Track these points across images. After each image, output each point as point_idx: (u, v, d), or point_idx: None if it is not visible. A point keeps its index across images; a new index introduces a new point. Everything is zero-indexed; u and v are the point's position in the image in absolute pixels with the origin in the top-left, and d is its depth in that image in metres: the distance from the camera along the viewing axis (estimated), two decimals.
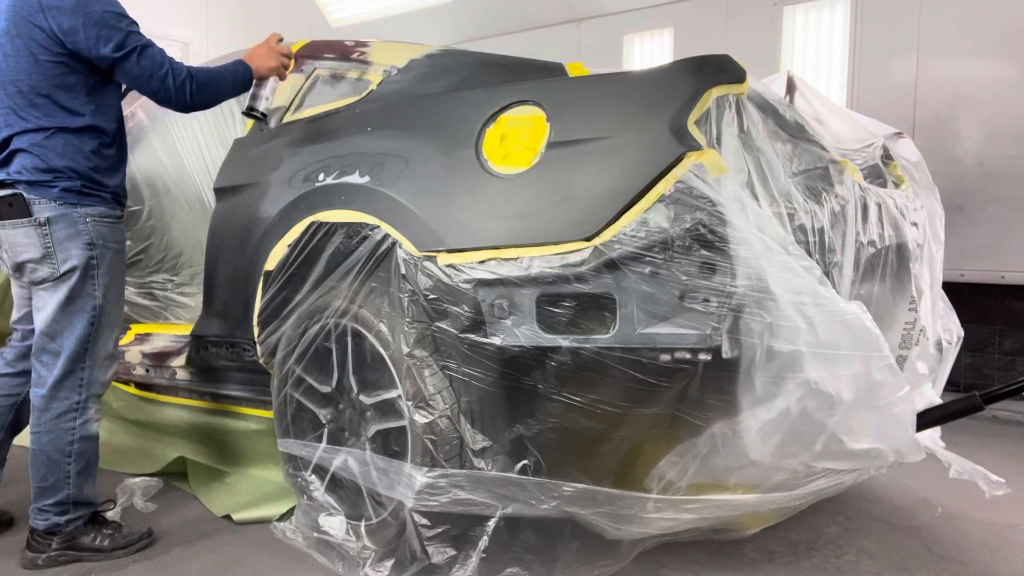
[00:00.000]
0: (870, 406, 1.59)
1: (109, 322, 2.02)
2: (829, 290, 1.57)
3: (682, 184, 1.55)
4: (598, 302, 1.58)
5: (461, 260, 1.66)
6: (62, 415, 1.98)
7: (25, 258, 1.95)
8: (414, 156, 1.83)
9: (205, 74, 2.01)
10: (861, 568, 2.03)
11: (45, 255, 1.93)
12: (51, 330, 1.96)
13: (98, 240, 1.96)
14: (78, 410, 2.00)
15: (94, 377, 2.02)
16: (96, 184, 1.98)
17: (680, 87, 1.66)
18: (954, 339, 2.41)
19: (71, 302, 1.95)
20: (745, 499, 1.75)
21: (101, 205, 1.99)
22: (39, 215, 1.91)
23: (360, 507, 1.99)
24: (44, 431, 1.98)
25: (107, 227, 1.99)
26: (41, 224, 1.91)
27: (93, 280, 1.96)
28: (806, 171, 1.91)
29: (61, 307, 1.95)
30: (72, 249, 1.93)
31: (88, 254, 1.95)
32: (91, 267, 1.95)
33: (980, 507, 2.38)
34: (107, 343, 2.04)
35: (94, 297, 1.97)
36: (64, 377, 1.97)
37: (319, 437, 2.09)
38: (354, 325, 1.93)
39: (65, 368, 1.97)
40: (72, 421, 1.99)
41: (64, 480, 2.01)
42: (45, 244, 1.92)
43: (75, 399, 1.99)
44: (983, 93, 3.70)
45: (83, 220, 1.94)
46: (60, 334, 1.96)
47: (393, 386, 1.86)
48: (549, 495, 1.68)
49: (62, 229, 1.92)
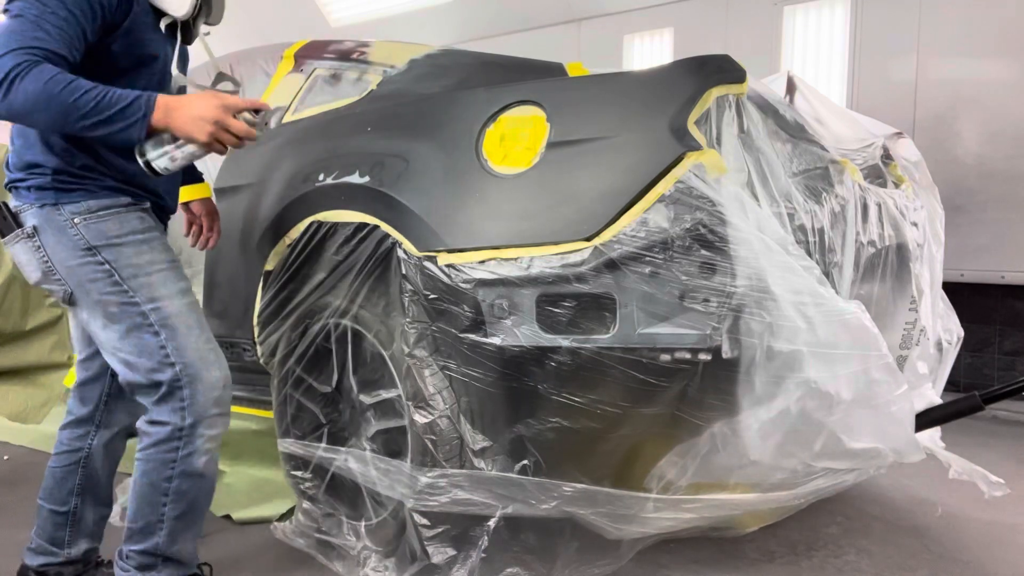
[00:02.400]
0: (869, 405, 1.59)
1: (181, 324, 1.58)
2: (828, 290, 1.57)
3: (682, 184, 1.55)
4: (598, 302, 1.59)
5: (461, 260, 1.66)
6: (161, 443, 1.58)
7: (34, 279, 1.62)
8: (414, 156, 1.83)
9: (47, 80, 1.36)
10: (861, 568, 2.03)
11: (46, 273, 1.58)
12: (120, 359, 1.59)
13: (97, 241, 1.55)
14: (181, 438, 1.57)
15: (197, 396, 1.57)
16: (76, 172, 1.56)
17: (680, 87, 1.66)
18: (954, 339, 2.41)
19: (113, 320, 1.57)
20: (745, 498, 1.75)
21: (89, 198, 1.57)
22: (26, 224, 1.57)
23: (360, 507, 1.99)
24: (142, 459, 1.61)
25: (107, 221, 1.57)
26: (30, 235, 1.57)
27: (120, 286, 1.56)
28: (806, 171, 1.91)
29: (107, 329, 1.58)
30: (70, 260, 1.55)
31: (92, 261, 1.56)
32: (107, 274, 1.56)
33: (980, 507, 2.38)
34: (194, 351, 1.58)
35: (134, 304, 1.56)
36: (162, 400, 1.58)
37: (319, 437, 2.09)
38: (354, 325, 1.94)
39: (160, 393, 1.57)
40: (173, 452, 1.58)
41: (157, 525, 1.61)
42: (42, 260, 1.57)
43: (177, 424, 1.57)
44: (983, 93, 3.70)
45: (69, 222, 1.55)
46: (131, 362, 1.57)
47: (393, 386, 1.86)
48: (549, 495, 1.68)
49: (51, 237, 1.56)
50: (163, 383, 1.56)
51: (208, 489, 1.65)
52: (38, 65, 1.37)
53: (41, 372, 3.16)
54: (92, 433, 1.81)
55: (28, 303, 3.12)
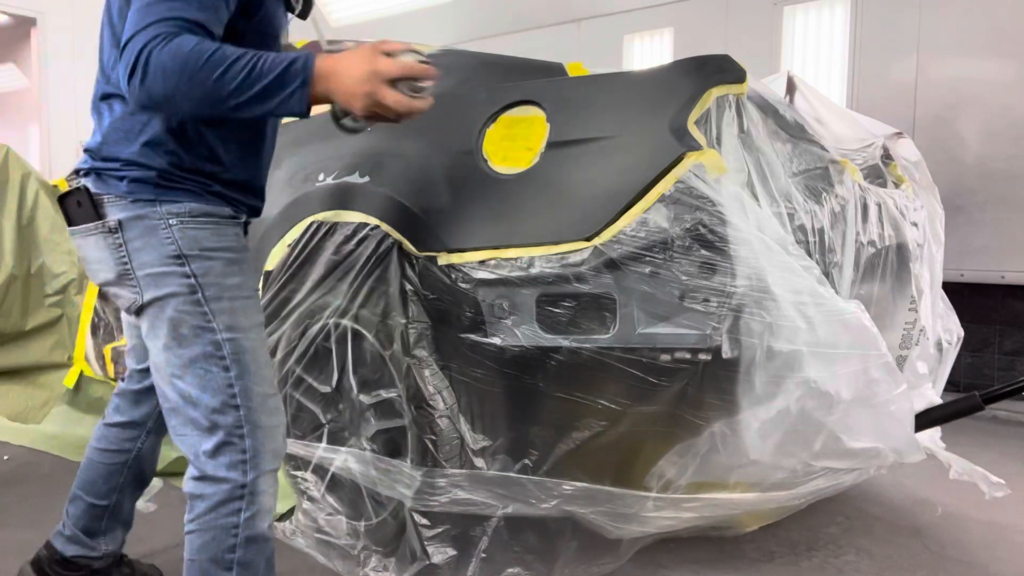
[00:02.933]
0: (868, 405, 1.59)
1: (255, 363, 1.36)
2: (828, 290, 1.57)
3: (682, 184, 1.55)
4: (598, 302, 1.59)
5: (461, 260, 1.66)
6: (220, 505, 1.32)
7: (102, 279, 1.40)
8: (414, 156, 1.83)
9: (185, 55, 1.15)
10: (861, 568, 2.03)
11: (121, 275, 1.36)
12: (178, 387, 1.34)
13: (190, 249, 1.33)
14: (243, 498, 1.32)
15: (260, 447, 1.34)
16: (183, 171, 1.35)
17: (680, 87, 1.66)
18: (954, 339, 2.41)
19: (181, 342, 1.33)
20: (745, 498, 1.75)
21: (191, 200, 1.35)
22: (110, 217, 1.35)
23: (360, 507, 1.99)
24: (197, 530, 1.33)
25: (205, 230, 1.36)
26: (112, 231, 1.35)
27: (200, 306, 1.33)
28: (806, 171, 1.91)
29: (171, 351, 1.33)
30: (154, 266, 1.34)
31: (181, 272, 1.33)
32: (190, 289, 1.33)
33: (980, 507, 2.38)
34: (260, 395, 1.35)
35: (211, 330, 1.33)
36: (218, 451, 1.32)
37: (319, 437, 2.09)
38: (354, 325, 1.94)
39: (218, 440, 1.32)
40: (235, 515, 1.32)
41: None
42: (120, 260, 1.35)
43: (238, 480, 1.32)
44: (983, 93, 3.70)
45: (164, 222, 1.34)
46: (191, 394, 1.33)
47: (393, 386, 1.86)
48: (549, 495, 1.68)
49: (137, 236, 1.34)
50: (221, 428, 1.32)
51: (272, 554, 1.39)
52: (176, 37, 1.16)
53: (41, 372, 3.16)
54: (143, 437, 1.72)
55: (28, 303, 3.12)
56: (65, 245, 3.12)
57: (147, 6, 1.19)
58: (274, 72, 1.18)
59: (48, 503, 2.45)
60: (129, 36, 1.18)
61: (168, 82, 1.16)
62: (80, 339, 3.04)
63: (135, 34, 1.17)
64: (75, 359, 3.04)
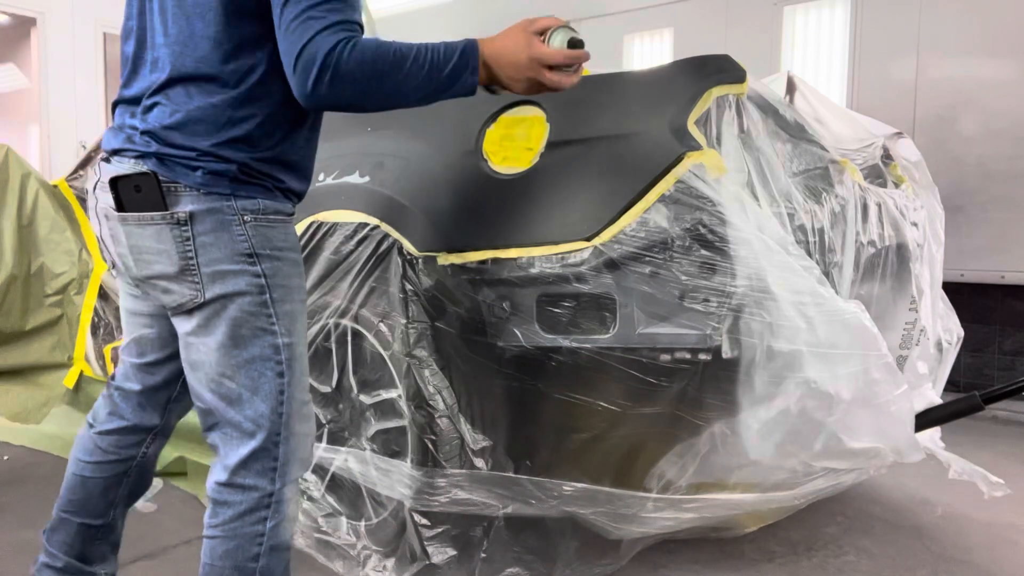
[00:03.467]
0: (868, 405, 1.59)
1: (301, 370, 1.35)
2: (828, 290, 1.57)
3: (682, 184, 1.55)
4: (598, 302, 1.59)
5: (461, 260, 1.66)
6: (247, 513, 1.30)
7: (155, 271, 1.30)
8: (414, 156, 1.83)
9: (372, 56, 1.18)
10: (861, 568, 2.03)
11: (184, 270, 1.27)
12: (223, 389, 1.30)
13: (262, 248, 1.29)
14: (270, 506, 1.31)
15: (292, 455, 1.32)
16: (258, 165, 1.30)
17: (680, 87, 1.66)
18: (954, 339, 2.41)
19: (238, 343, 1.28)
20: (745, 498, 1.75)
21: (264, 196, 1.31)
22: (179, 207, 1.26)
23: (360, 507, 1.99)
24: (221, 536, 1.30)
25: (275, 228, 1.32)
26: (181, 222, 1.26)
27: (266, 308, 1.29)
28: (806, 171, 1.91)
29: (225, 350, 1.28)
30: (223, 263, 1.27)
31: (251, 271, 1.29)
32: (259, 289, 1.29)
33: (980, 507, 2.38)
34: (299, 403, 1.34)
35: (272, 332, 1.29)
36: (252, 457, 1.30)
37: (319, 437, 2.09)
38: (354, 325, 1.94)
39: (256, 446, 1.30)
40: (261, 523, 1.30)
41: None
42: (185, 254, 1.27)
43: (267, 489, 1.30)
44: (983, 93, 3.70)
45: (238, 218, 1.28)
46: (242, 397, 1.29)
47: (393, 386, 1.86)
48: (549, 495, 1.68)
49: (208, 230, 1.27)
50: (262, 432, 1.29)
51: (289, 562, 1.37)
52: (356, 40, 1.18)
53: (41, 372, 3.16)
54: (148, 441, 1.56)
55: (28, 303, 3.12)
56: (65, 245, 3.12)
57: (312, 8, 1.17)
58: (450, 63, 1.22)
59: (48, 503, 2.44)
60: (305, 42, 1.16)
61: (358, 85, 1.18)
62: (80, 339, 3.04)
63: (312, 38, 1.16)
64: (75, 359, 3.04)
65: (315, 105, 1.21)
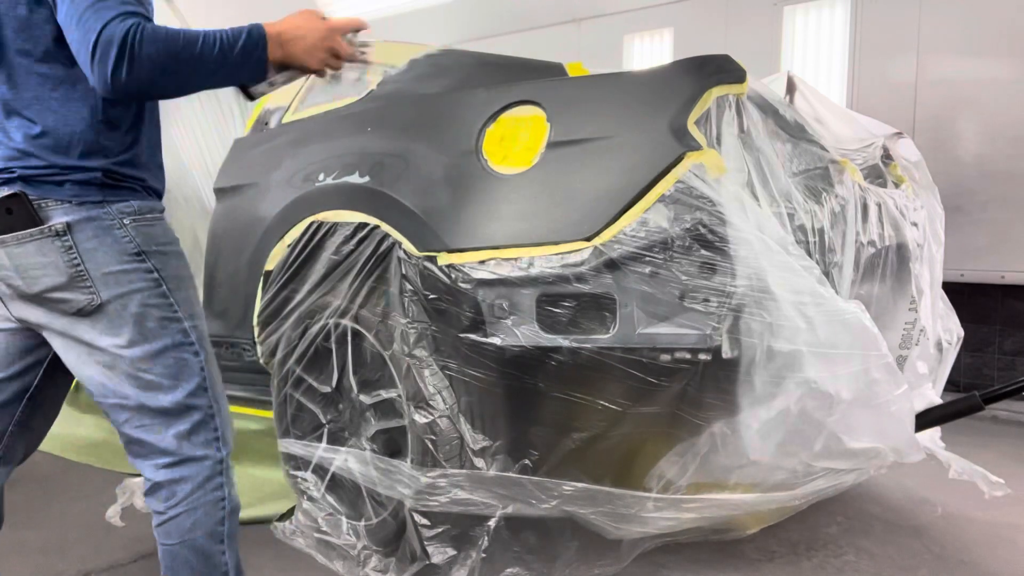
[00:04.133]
0: (868, 405, 1.59)
1: (209, 346, 1.44)
2: (828, 290, 1.57)
3: (682, 184, 1.55)
4: (598, 302, 1.58)
5: (461, 260, 1.66)
6: (206, 482, 1.37)
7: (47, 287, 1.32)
8: (414, 156, 1.83)
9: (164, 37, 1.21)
10: (861, 568, 2.03)
11: (73, 278, 1.31)
12: (141, 382, 1.34)
13: (147, 246, 1.35)
14: (222, 472, 1.39)
15: (225, 422, 1.42)
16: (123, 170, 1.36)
17: (680, 87, 1.66)
18: (954, 339, 2.41)
19: (148, 336, 1.34)
20: (745, 499, 1.75)
21: (135, 198, 1.37)
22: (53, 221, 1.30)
23: (360, 507, 1.99)
24: (185, 511, 1.35)
25: (154, 226, 1.38)
26: (59, 234, 1.30)
27: (166, 298, 1.36)
28: (806, 171, 1.91)
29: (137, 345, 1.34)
30: (112, 265, 1.32)
31: (142, 267, 1.35)
32: (154, 283, 1.36)
33: (980, 507, 2.38)
34: (217, 376, 1.44)
35: (177, 319, 1.37)
36: (194, 431, 1.37)
37: (319, 437, 2.09)
38: (354, 325, 1.94)
39: (193, 421, 1.37)
40: (220, 489, 1.38)
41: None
42: (71, 262, 1.30)
43: (216, 456, 1.38)
44: (983, 93, 3.70)
45: (118, 222, 1.33)
46: (162, 385, 1.35)
47: (393, 386, 1.86)
48: (549, 495, 1.68)
49: (89, 237, 1.31)
50: (198, 409, 1.37)
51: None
52: (146, 24, 1.20)
53: None
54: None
55: None
56: None
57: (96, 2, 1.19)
58: (239, 41, 1.26)
59: (48, 503, 2.45)
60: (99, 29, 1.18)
61: (156, 67, 1.20)
62: None
63: (105, 26, 1.17)
64: None
65: (117, 92, 1.21)
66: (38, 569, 2.01)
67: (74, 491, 2.54)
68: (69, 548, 2.13)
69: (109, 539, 2.17)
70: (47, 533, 2.21)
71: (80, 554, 2.09)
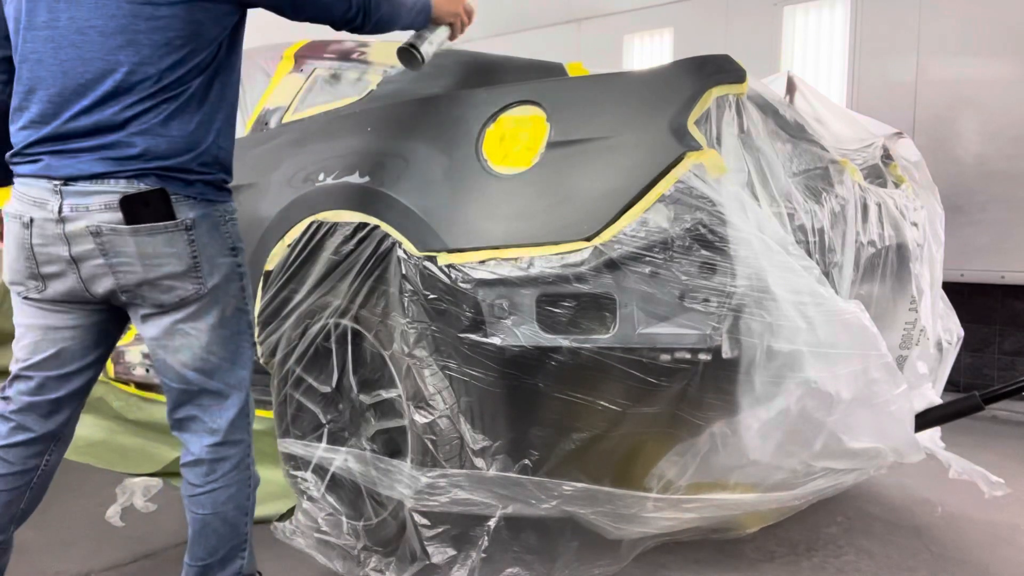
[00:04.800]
0: (868, 405, 1.59)
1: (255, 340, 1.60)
2: (828, 290, 1.57)
3: (682, 184, 1.55)
4: (598, 302, 1.58)
5: (461, 260, 1.66)
6: (240, 463, 1.56)
7: (165, 273, 1.44)
8: (414, 156, 1.83)
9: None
10: (861, 568, 2.03)
11: (191, 268, 1.46)
12: (208, 365, 1.50)
13: (238, 242, 1.56)
14: (249, 454, 1.59)
15: (252, 408, 1.62)
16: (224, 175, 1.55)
17: (680, 87, 1.66)
18: (954, 339, 2.41)
19: (224, 323, 1.51)
20: (745, 498, 1.75)
21: (229, 199, 1.56)
22: (184, 216, 1.44)
23: (360, 507, 1.99)
24: (223, 487, 1.53)
25: (237, 224, 1.58)
26: (188, 228, 1.44)
27: (244, 291, 1.56)
28: (806, 171, 1.91)
29: (214, 330, 1.50)
30: (218, 258, 1.50)
31: (235, 261, 1.54)
32: (240, 276, 1.55)
33: (980, 507, 2.38)
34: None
35: (246, 311, 1.57)
36: (239, 415, 1.55)
37: (319, 437, 2.09)
38: (354, 325, 1.94)
39: (239, 406, 1.55)
40: (248, 468, 1.58)
41: (239, 547, 1.58)
42: (192, 254, 1.45)
43: (248, 440, 1.58)
44: (983, 93, 3.70)
45: (223, 218, 1.52)
46: (222, 367, 1.52)
47: (393, 386, 1.86)
48: (549, 495, 1.68)
49: (205, 232, 1.48)
50: (244, 393, 1.56)
51: None
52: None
53: None
54: (51, 449, 1.57)
55: None
56: None
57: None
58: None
59: (48, 503, 2.44)
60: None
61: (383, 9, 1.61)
62: None
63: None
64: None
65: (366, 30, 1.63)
66: (38, 569, 2.01)
67: (74, 491, 2.54)
68: (69, 548, 2.13)
69: (109, 539, 2.17)
70: (47, 533, 2.21)
71: (80, 554, 2.09)
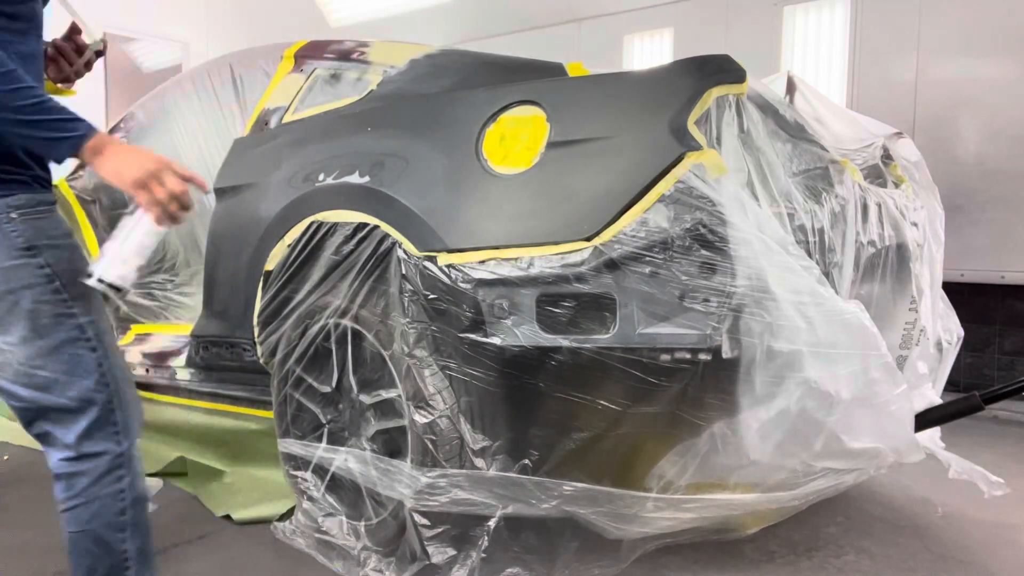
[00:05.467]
0: (868, 405, 1.59)
1: (111, 341, 1.42)
2: (828, 290, 1.57)
3: (682, 184, 1.55)
4: (598, 302, 1.58)
5: (461, 260, 1.66)
6: (103, 475, 1.38)
7: None
8: (414, 156, 1.83)
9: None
10: (861, 568, 2.03)
11: None
12: (38, 380, 1.33)
13: (38, 240, 1.32)
14: (122, 465, 1.39)
15: (129, 417, 1.42)
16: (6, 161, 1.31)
17: (680, 87, 1.66)
18: (954, 339, 2.41)
19: (41, 333, 1.32)
20: (745, 499, 1.75)
21: (23, 190, 1.33)
22: None
23: (360, 507, 1.99)
24: (83, 503, 1.37)
25: (44, 219, 1.35)
26: None
27: (59, 293, 1.34)
28: (806, 171, 1.91)
29: (30, 343, 1.32)
30: (3, 261, 1.30)
31: (33, 263, 1.31)
32: (46, 278, 1.33)
33: (980, 507, 2.38)
34: (120, 369, 1.42)
35: (72, 315, 1.35)
36: (94, 427, 1.37)
37: (319, 437, 2.09)
38: (354, 325, 1.94)
39: (92, 418, 1.36)
40: (119, 481, 1.38)
41: (120, 568, 1.41)
42: None
43: (116, 450, 1.38)
44: (983, 93, 3.70)
45: (5, 216, 1.30)
46: (59, 381, 1.34)
47: (393, 386, 1.86)
48: (549, 495, 1.68)
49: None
50: (97, 405, 1.36)
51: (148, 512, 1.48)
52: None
53: None
54: None
55: None
56: None
57: None
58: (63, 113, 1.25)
59: (48, 503, 2.44)
60: None
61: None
62: None
63: None
64: None
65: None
66: (38, 569, 2.01)
67: None
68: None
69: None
70: (47, 533, 2.21)
71: None
